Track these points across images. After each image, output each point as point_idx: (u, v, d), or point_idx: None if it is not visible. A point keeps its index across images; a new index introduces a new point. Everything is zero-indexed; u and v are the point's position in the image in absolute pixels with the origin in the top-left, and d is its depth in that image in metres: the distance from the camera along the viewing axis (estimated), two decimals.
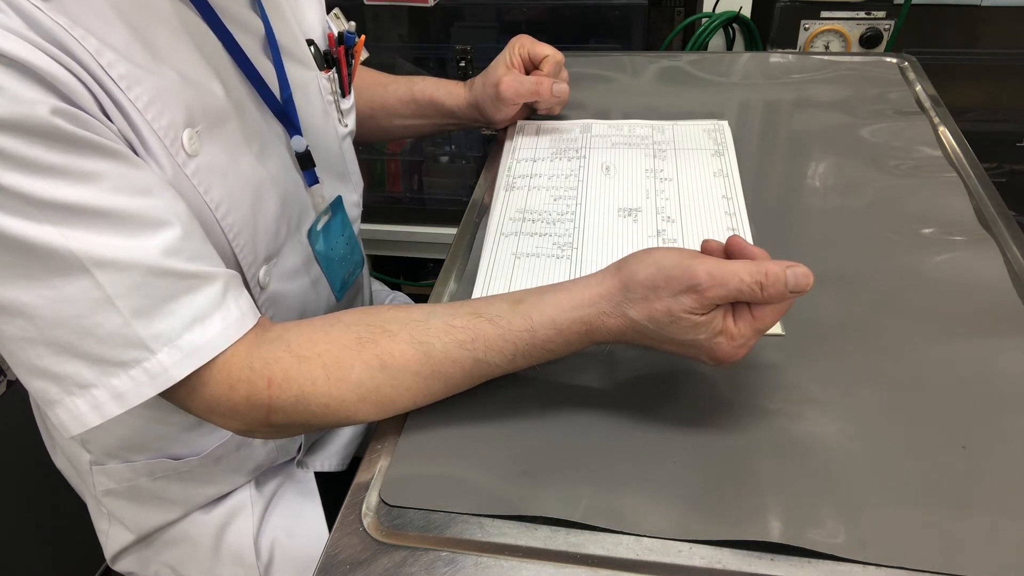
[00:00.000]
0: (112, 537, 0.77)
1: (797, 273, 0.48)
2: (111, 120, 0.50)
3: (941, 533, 0.46)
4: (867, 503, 0.48)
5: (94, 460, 0.72)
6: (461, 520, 0.50)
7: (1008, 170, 1.38)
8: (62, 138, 0.45)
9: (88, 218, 0.47)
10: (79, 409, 0.50)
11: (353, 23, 0.79)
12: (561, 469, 0.52)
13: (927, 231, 0.70)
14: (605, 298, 0.52)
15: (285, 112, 0.66)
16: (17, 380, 1.21)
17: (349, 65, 0.76)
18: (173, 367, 0.50)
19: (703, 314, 0.50)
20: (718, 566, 0.46)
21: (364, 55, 0.90)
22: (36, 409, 0.81)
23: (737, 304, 0.50)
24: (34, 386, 0.51)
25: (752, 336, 0.51)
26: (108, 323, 0.49)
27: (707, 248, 0.54)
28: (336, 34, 0.75)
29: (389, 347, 0.53)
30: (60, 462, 0.81)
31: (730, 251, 0.52)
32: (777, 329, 0.61)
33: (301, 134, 0.67)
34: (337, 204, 0.75)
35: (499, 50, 0.88)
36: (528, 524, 0.49)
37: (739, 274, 0.48)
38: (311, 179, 0.70)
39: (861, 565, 0.45)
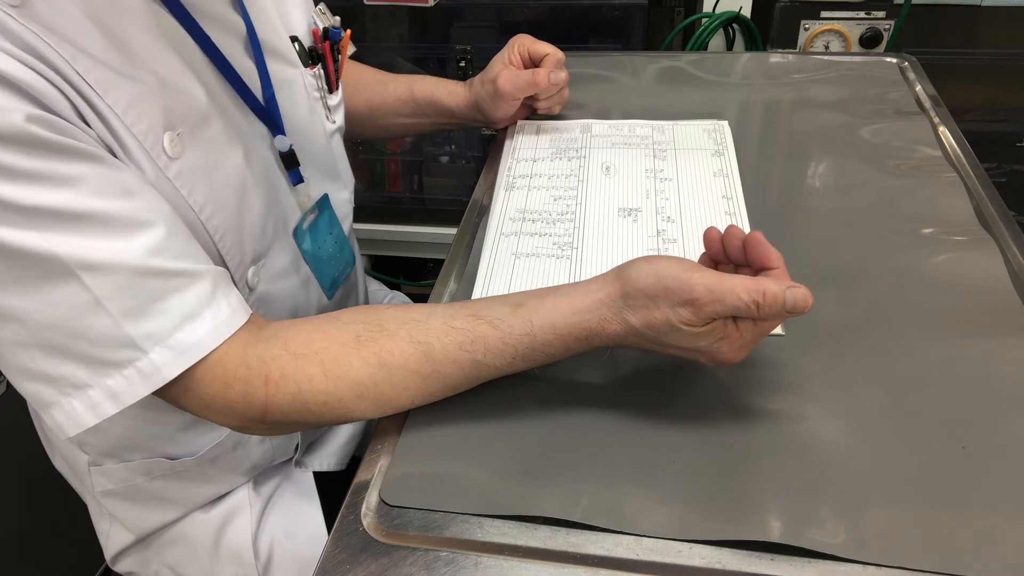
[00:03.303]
0: (112, 538, 0.77)
1: (796, 296, 0.48)
2: (89, 126, 0.50)
3: (941, 533, 0.46)
4: (867, 503, 0.48)
5: (91, 461, 0.72)
6: (461, 520, 0.49)
7: (1008, 170, 1.38)
8: (39, 144, 0.45)
9: (71, 222, 0.47)
10: (75, 410, 0.50)
11: (338, 18, 0.78)
12: (561, 469, 0.52)
13: (927, 231, 0.70)
14: (606, 304, 0.52)
15: (267, 112, 0.65)
16: None
17: (335, 61, 0.76)
18: (165, 366, 0.50)
19: (702, 326, 0.50)
20: (718, 566, 0.46)
21: (351, 50, 0.90)
22: (34, 412, 0.81)
23: None
24: (28, 389, 0.51)
25: (753, 340, 0.51)
26: (99, 325, 0.49)
27: (709, 237, 0.54)
28: (321, 30, 0.75)
29: (388, 345, 0.53)
30: (59, 464, 0.80)
31: (748, 247, 0.53)
32: (777, 329, 0.61)
33: (284, 133, 0.67)
34: (323, 202, 0.75)
35: (499, 50, 0.88)
36: (528, 524, 0.49)
37: (736, 291, 0.48)
38: (295, 178, 0.70)
39: (861, 565, 0.45)
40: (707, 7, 1.29)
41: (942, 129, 0.86)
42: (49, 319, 0.48)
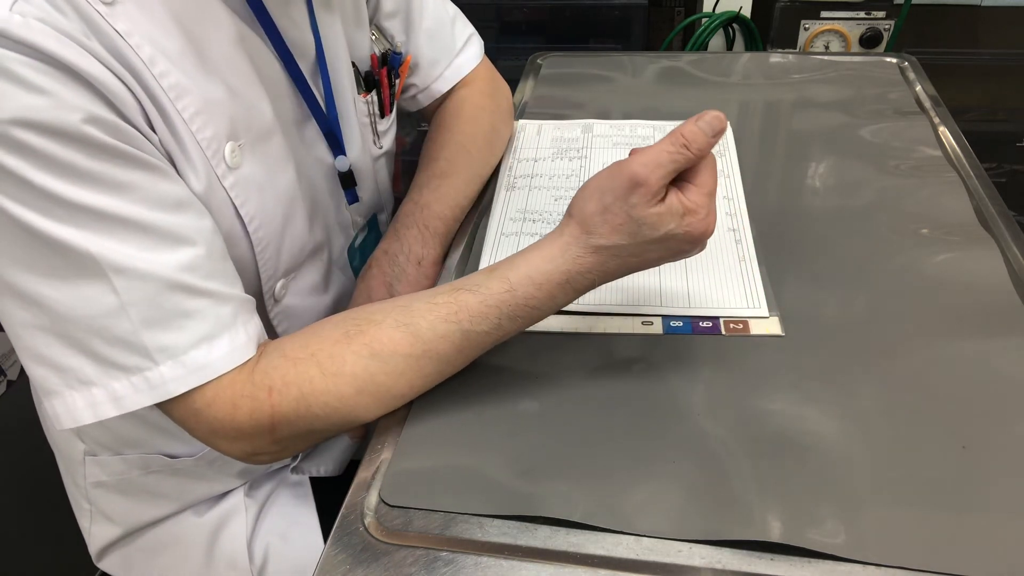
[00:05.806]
0: (95, 535, 0.77)
1: (709, 122, 0.51)
2: (154, 130, 0.51)
3: (941, 533, 0.46)
4: (867, 503, 0.48)
5: (87, 451, 0.72)
6: (461, 520, 0.50)
7: (1008, 170, 1.38)
8: (94, 146, 0.46)
9: (112, 225, 0.48)
10: (75, 404, 0.50)
11: (395, 38, 0.78)
12: (561, 469, 0.52)
13: (927, 231, 0.70)
14: (571, 244, 0.53)
15: (332, 132, 0.67)
16: (17, 380, 1.21)
17: (392, 86, 0.76)
18: (173, 381, 0.51)
19: (659, 202, 0.51)
20: (718, 566, 0.46)
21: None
22: (38, 398, 0.80)
23: (678, 181, 0.52)
24: (36, 373, 0.51)
25: (708, 201, 0.53)
26: (118, 328, 0.49)
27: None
28: (379, 55, 0.75)
29: (376, 334, 0.54)
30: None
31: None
32: (777, 329, 0.61)
33: (345, 154, 0.69)
34: (372, 223, 0.77)
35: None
36: (528, 524, 0.49)
37: (663, 150, 0.51)
38: (352, 198, 0.72)
39: (861, 565, 0.45)
40: (707, 7, 1.29)
41: (942, 129, 0.86)
42: (72, 312, 0.48)
